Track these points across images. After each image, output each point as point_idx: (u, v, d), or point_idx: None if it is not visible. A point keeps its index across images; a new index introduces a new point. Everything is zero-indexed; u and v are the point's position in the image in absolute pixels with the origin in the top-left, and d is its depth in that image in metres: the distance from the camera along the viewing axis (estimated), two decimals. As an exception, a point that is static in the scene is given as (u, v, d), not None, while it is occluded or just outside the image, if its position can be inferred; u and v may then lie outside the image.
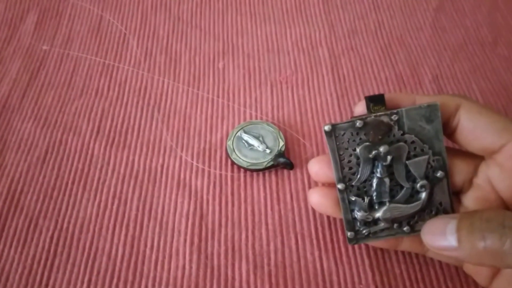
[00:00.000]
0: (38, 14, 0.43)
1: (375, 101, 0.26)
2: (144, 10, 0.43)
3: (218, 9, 0.44)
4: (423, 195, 0.26)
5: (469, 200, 0.26)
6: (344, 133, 0.25)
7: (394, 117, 0.25)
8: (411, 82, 0.38)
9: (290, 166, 0.32)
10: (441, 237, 0.23)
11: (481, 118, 0.24)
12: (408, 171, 0.26)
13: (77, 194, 0.32)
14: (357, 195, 0.26)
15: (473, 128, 0.24)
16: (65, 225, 0.30)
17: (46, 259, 0.29)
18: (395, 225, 0.26)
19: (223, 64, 0.39)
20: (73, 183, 0.32)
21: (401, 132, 0.25)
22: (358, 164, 0.26)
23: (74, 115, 0.36)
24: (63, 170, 0.33)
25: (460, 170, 0.26)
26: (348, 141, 0.25)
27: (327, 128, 0.25)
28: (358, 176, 0.26)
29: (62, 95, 0.37)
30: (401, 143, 0.25)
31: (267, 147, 0.33)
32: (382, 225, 0.27)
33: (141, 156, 0.34)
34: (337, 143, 0.26)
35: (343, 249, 0.29)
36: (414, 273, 0.29)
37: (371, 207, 0.26)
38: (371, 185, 0.26)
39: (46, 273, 0.28)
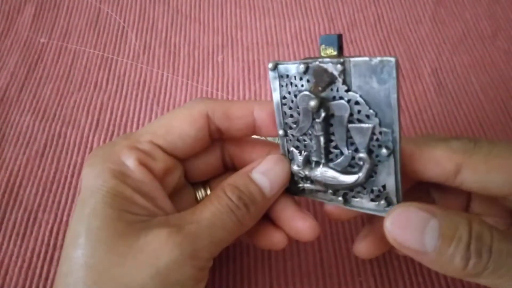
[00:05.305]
0: (35, 7, 0.42)
1: (327, 42, 0.21)
2: (142, 3, 0.43)
3: (217, 2, 0.43)
4: (363, 169, 0.21)
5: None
6: (288, 75, 0.22)
7: (339, 67, 0.20)
8: (410, 75, 0.38)
9: (289, 159, 0.32)
10: (415, 236, 0.19)
11: (491, 178, 0.21)
12: (350, 137, 0.21)
13: (76, 187, 0.31)
14: (296, 147, 0.23)
15: (484, 187, 0.21)
16: (64, 218, 0.30)
17: (46, 252, 0.29)
18: (330, 191, 0.23)
19: (222, 57, 0.39)
20: (72, 176, 0.32)
21: (346, 87, 0.20)
22: (299, 114, 0.22)
23: (73, 108, 0.36)
24: (62, 163, 0.33)
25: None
26: (291, 85, 0.22)
27: (270, 65, 0.22)
28: (299, 127, 0.23)
29: (61, 88, 0.37)
30: (342, 101, 0.21)
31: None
32: (315, 186, 0.23)
33: (140, 149, 0.34)
34: (281, 84, 0.22)
35: (342, 242, 0.30)
36: (413, 265, 0.29)
37: (307, 164, 0.23)
38: (311, 139, 0.23)
39: (45, 266, 0.28)
